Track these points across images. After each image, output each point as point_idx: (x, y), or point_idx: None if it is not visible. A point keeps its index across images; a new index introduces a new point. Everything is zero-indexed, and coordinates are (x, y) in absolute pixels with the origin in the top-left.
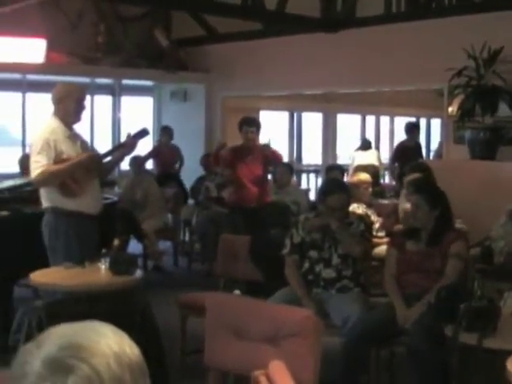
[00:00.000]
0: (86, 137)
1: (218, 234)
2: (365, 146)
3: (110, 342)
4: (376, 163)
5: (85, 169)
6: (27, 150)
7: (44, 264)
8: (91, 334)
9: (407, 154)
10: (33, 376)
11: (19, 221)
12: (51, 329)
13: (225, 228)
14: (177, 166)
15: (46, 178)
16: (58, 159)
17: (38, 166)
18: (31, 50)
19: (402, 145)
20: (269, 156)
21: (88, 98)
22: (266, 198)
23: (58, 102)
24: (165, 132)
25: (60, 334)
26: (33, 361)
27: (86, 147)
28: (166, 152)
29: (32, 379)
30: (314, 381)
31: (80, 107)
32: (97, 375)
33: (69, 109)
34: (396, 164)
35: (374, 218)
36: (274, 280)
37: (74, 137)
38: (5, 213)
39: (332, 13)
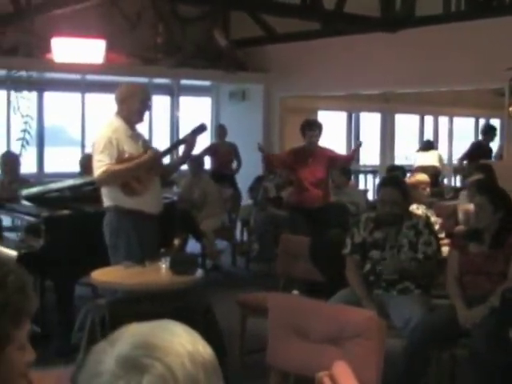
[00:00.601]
0: (145, 137)
1: (276, 234)
2: (426, 146)
3: (183, 342)
4: (437, 164)
5: (147, 169)
6: (87, 150)
7: (104, 263)
8: (165, 333)
9: (480, 154)
10: (107, 375)
11: (80, 219)
12: (124, 328)
13: (284, 228)
14: (233, 165)
15: (109, 177)
16: (120, 158)
17: (101, 164)
18: (91, 50)
19: (478, 144)
20: (331, 158)
21: None
22: (327, 200)
23: (121, 101)
24: (217, 131)
25: (134, 333)
26: (107, 359)
27: (148, 147)
28: (221, 151)
29: (106, 378)
30: (377, 382)
31: (143, 107)
32: (171, 374)
33: (132, 109)
34: (465, 163)
35: (433, 218)
36: (333, 280)
37: (136, 136)
38: (66, 212)
39: (391, 12)
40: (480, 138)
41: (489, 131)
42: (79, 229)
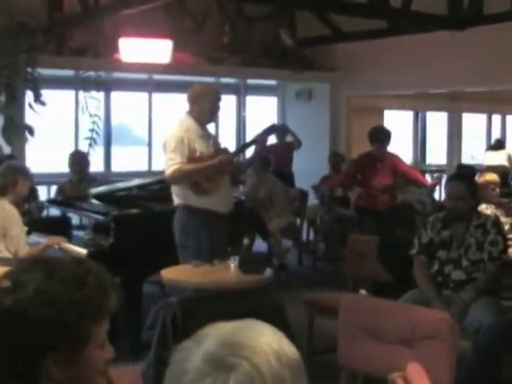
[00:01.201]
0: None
1: (343, 233)
2: (496, 145)
3: (269, 341)
4: (506, 163)
5: (218, 171)
6: (154, 149)
7: (173, 261)
8: (251, 332)
9: None
10: (193, 372)
11: (149, 218)
12: (210, 326)
13: (351, 228)
14: (292, 165)
15: (181, 176)
16: (191, 157)
17: (173, 163)
18: (157, 50)
19: None
20: (401, 170)
21: None
22: (394, 202)
23: (193, 101)
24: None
25: (220, 332)
26: (193, 357)
27: (218, 147)
28: (280, 151)
29: (192, 375)
30: None
31: (214, 108)
32: (258, 372)
33: (203, 109)
34: None
35: (503, 218)
36: (402, 280)
37: (207, 136)
38: (135, 210)
39: (459, 10)
40: None
41: None
42: (148, 227)
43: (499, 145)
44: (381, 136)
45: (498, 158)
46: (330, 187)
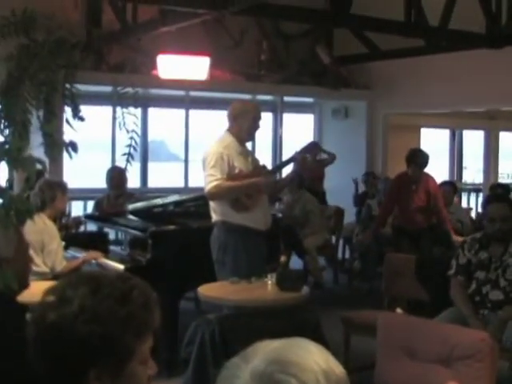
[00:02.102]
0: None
1: (379, 252)
2: None
3: (317, 359)
4: None
5: (257, 190)
6: (191, 165)
7: (210, 278)
8: (299, 350)
9: None
10: None
11: (186, 235)
12: (257, 344)
13: (388, 246)
14: (323, 183)
15: (220, 192)
16: (230, 174)
17: (213, 179)
18: (195, 67)
19: None
20: (433, 194)
21: None
22: (430, 221)
23: (233, 118)
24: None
25: (267, 349)
26: (242, 374)
27: (257, 164)
28: (312, 168)
29: None
30: None
31: (255, 126)
32: None
33: (243, 126)
34: None
35: None
36: (438, 299)
37: (246, 153)
38: (172, 227)
39: (497, 28)
40: None
41: None
42: (185, 244)
43: None
44: (419, 161)
45: None
46: (382, 221)
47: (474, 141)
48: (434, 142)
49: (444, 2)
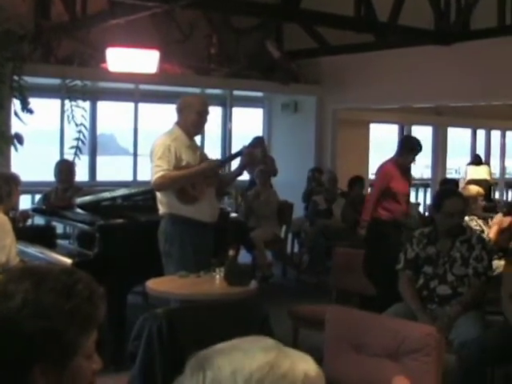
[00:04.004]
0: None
1: (327, 246)
2: (477, 161)
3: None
4: (488, 178)
5: (203, 177)
6: (139, 159)
7: (158, 272)
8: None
9: None
10: None
11: (134, 228)
12: (216, 347)
13: (337, 240)
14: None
15: (166, 182)
16: (177, 166)
17: (159, 170)
18: (144, 60)
19: None
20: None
21: None
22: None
23: (179, 111)
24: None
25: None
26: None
27: (206, 158)
28: (259, 163)
29: None
30: None
31: (200, 119)
32: None
33: (188, 120)
34: None
35: (486, 232)
36: (387, 294)
37: (194, 147)
38: (120, 220)
39: (445, 25)
40: None
41: None
42: (133, 237)
43: (480, 160)
44: (419, 150)
45: (481, 172)
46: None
47: (422, 136)
48: (382, 137)
49: None
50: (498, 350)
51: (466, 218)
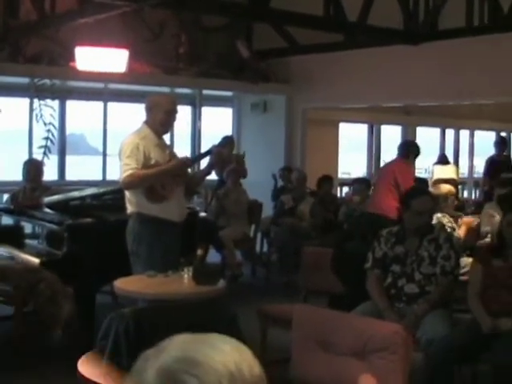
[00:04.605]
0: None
1: (296, 245)
2: (444, 160)
3: (227, 360)
4: (455, 177)
5: (172, 176)
6: (109, 158)
7: (126, 271)
8: (210, 349)
9: (496, 168)
10: None
11: (103, 228)
12: (173, 338)
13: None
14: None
15: (135, 180)
16: (146, 165)
17: (127, 168)
18: (113, 59)
19: (490, 159)
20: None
21: None
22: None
23: (148, 110)
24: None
25: (179, 346)
26: (149, 369)
27: (175, 157)
28: (228, 162)
29: None
30: None
31: (168, 118)
32: None
33: (156, 119)
34: (487, 178)
35: (457, 230)
36: (355, 293)
37: (163, 146)
38: (89, 220)
39: (414, 25)
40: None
41: (497, 144)
42: (102, 237)
43: (446, 159)
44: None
45: (447, 172)
46: None
47: (392, 136)
48: (352, 136)
49: None
50: (465, 349)
51: (438, 214)
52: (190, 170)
